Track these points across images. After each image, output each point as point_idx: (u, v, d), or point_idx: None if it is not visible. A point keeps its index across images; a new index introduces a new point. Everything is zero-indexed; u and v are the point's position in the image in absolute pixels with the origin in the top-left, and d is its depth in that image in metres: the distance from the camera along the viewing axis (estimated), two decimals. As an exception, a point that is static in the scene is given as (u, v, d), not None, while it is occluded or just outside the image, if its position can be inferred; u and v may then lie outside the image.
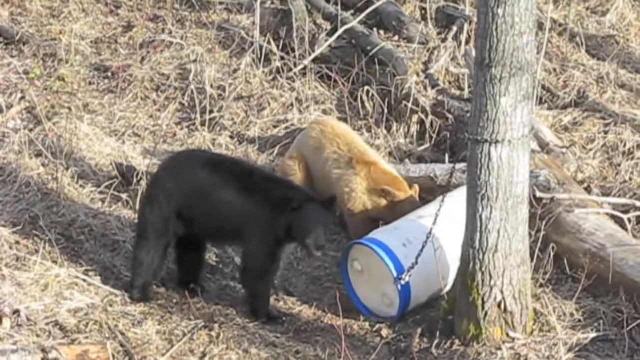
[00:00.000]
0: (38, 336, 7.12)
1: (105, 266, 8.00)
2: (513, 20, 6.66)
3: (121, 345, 7.18)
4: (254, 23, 11.02)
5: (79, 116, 9.81)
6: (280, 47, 10.70)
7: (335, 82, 10.33)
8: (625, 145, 9.43)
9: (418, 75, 10.20)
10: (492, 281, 7.01)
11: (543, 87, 10.29)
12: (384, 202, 8.27)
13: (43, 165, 8.96)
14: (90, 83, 10.62)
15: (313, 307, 7.85)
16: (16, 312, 7.23)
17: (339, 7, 11.16)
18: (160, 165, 8.09)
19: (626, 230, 8.14)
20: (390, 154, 9.52)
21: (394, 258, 7.56)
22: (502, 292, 7.03)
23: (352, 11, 11.40)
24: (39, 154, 9.08)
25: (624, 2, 11.58)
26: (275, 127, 9.99)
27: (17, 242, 8.04)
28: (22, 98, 10.13)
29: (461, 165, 7.90)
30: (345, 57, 10.65)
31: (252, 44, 10.78)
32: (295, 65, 10.52)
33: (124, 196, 8.72)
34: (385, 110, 9.90)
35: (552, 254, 7.70)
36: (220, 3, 11.80)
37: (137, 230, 7.85)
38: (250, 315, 7.62)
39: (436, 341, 7.23)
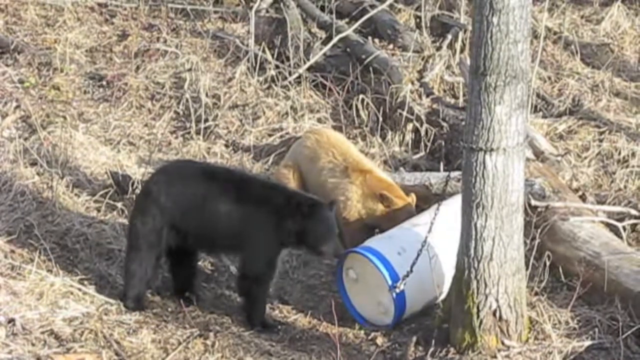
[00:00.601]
0: (33, 345, 7.10)
1: (101, 275, 7.98)
2: (507, 29, 6.66)
3: (116, 354, 7.16)
4: (248, 32, 11.03)
5: (74, 125, 9.80)
6: (275, 56, 10.71)
7: (330, 91, 10.34)
8: (619, 153, 9.45)
9: (413, 83, 10.21)
10: (487, 289, 7.01)
11: (538, 95, 10.30)
12: (379, 209, 8.27)
13: (38, 174, 8.95)
14: (85, 92, 10.62)
15: (308, 316, 7.83)
16: (11, 321, 7.22)
17: (334, 16, 11.18)
18: (152, 176, 7.96)
19: (621, 238, 8.16)
20: (385, 162, 9.52)
21: (388, 266, 7.56)
22: (497, 300, 7.03)
23: (346, 20, 11.42)
24: (33, 163, 9.07)
25: (618, 10, 11.62)
26: (270, 135, 9.99)
27: (12, 251, 8.02)
28: (17, 107, 10.11)
29: (456, 174, 7.91)
30: (340, 65, 10.66)
31: (246, 52, 10.80)
32: (290, 73, 10.52)
33: (119, 205, 8.70)
34: (380, 119, 9.90)
35: (547, 262, 7.70)
36: (215, 12, 11.82)
37: (129, 241, 7.76)
38: (245, 324, 7.60)
39: (431, 349, 7.21)
